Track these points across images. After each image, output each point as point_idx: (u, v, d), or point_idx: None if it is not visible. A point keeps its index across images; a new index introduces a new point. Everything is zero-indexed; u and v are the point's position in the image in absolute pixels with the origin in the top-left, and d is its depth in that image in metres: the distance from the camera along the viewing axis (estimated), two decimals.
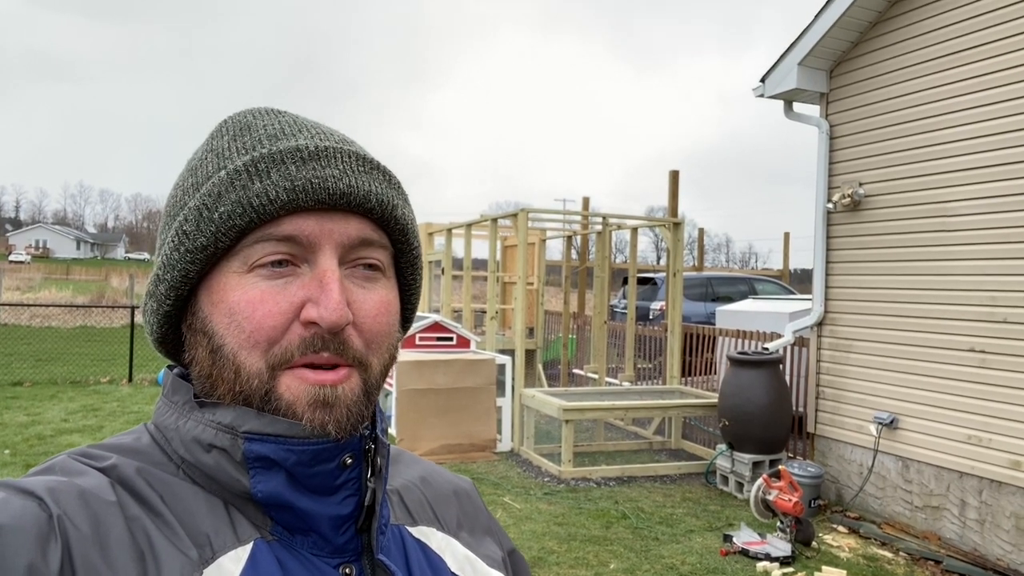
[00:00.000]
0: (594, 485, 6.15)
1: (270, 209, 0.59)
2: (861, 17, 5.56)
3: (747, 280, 13.46)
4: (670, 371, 7.97)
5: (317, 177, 0.60)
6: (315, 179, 0.60)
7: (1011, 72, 4.67)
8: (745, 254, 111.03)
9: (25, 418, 7.98)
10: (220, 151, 0.63)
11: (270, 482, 0.59)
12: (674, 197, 11.55)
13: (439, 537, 0.72)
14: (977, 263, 4.86)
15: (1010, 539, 4.58)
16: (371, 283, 0.63)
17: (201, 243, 0.60)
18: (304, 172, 0.60)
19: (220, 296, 0.60)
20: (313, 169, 0.60)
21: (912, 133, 5.30)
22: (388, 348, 0.64)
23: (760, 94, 6.21)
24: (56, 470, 0.58)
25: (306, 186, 0.59)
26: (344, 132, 0.69)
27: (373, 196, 0.62)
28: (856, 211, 5.72)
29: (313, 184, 0.59)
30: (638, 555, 4.60)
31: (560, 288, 12.85)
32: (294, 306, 0.59)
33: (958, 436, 4.91)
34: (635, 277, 8.81)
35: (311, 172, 0.60)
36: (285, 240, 0.60)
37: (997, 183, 4.74)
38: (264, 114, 0.66)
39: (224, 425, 0.59)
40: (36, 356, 12.55)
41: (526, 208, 7.50)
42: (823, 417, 5.99)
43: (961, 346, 4.92)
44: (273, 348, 0.59)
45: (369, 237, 0.63)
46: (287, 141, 0.62)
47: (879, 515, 5.46)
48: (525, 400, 7.09)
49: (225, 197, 0.59)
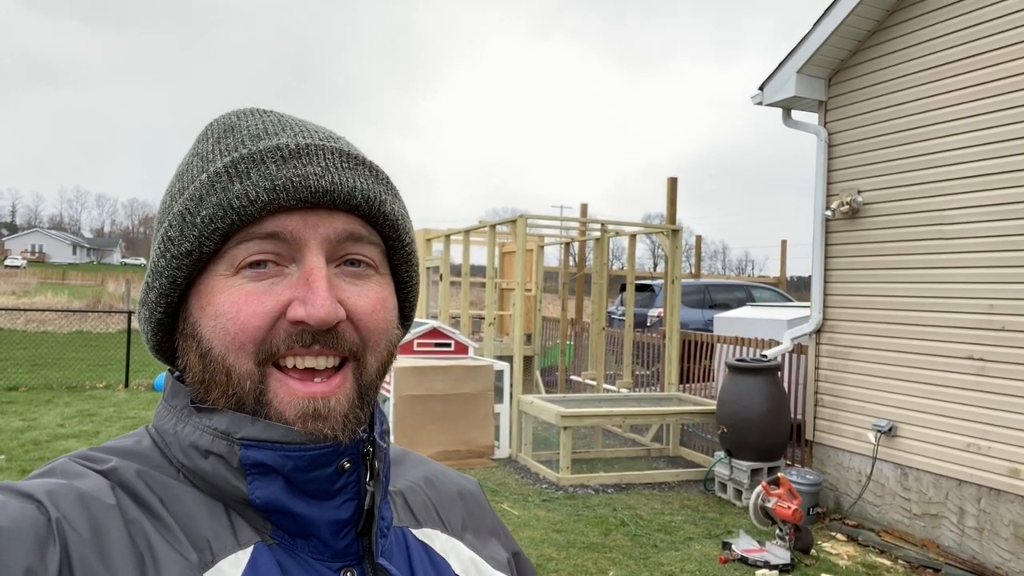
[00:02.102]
0: (592, 492, 6.14)
1: (251, 210, 0.58)
2: (859, 25, 5.59)
3: (745, 287, 13.49)
4: (668, 378, 7.97)
5: (298, 175, 0.59)
6: (296, 177, 0.58)
7: (1010, 81, 4.68)
8: (741, 261, 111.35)
9: (21, 423, 7.94)
10: (204, 154, 0.63)
11: (268, 488, 0.58)
12: (672, 204, 11.57)
13: (443, 539, 0.72)
14: (975, 271, 4.86)
15: (1008, 547, 4.57)
16: (363, 280, 0.62)
17: (186, 248, 0.59)
18: (284, 171, 0.59)
19: (207, 300, 0.60)
20: (294, 167, 0.59)
21: (910, 141, 5.31)
22: (386, 345, 0.63)
23: (759, 102, 6.23)
24: (56, 473, 0.58)
25: (287, 185, 0.58)
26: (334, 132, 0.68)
27: (358, 192, 0.61)
28: (854, 219, 5.73)
29: (294, 183, 0.58)
30: (637, 562, 4.58)
31: (558, 295, 12.85)
32: (280, 305, 0.58)
33: (957, 444, 4.91)
34: (633, 284, 8.82)
35: (292, 171, 0.59)
36: (268, 238, 0.59)
37: (995, 191, 4.75)
38: (248, 115, 0.65)
39: (220, 431, 0.59)
40: (32, 361, 12.50)
41: (524, 214, 7.49)
42: (821, 424, 5.98)
43: (959, 354, 4.93)
44: (260, 347, 0.58)
45: (357, 232, 0.62)
46: (268, 140, 0.61)
47: (878, 523, 5.45)
48: (523, 406, 7.08)
49: (206, 200, 0.59)
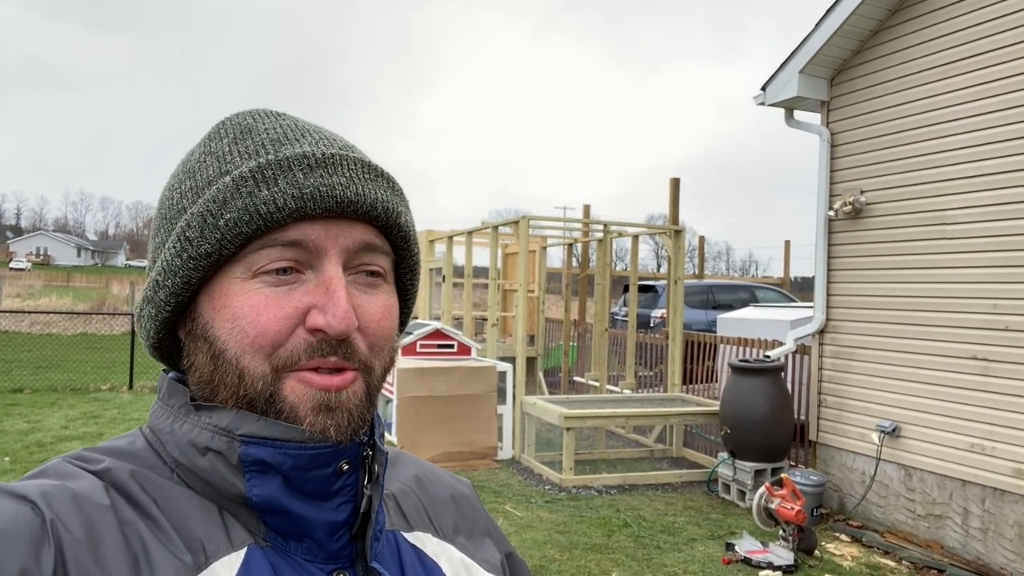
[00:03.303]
0: (595, 493, 6.13)
1: (278, 217, 0.58)
2: (862, 26, 5.58)
3: (748, 288, 13.46)
4: (671, 379, 7.96)
5: (325, 185, 0.59)
6: (323, 187, 0.59)
7: (1011, 80, 4.67)
8: (745, 262, 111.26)
9: (25, 425, 7.96)
10: (220, 155, 0.62)
11: (266, 486, 0.58)
12: (675, 204, 11.56)
13: (435, 543, 0.72)
14: (979, 271, 4.85)
15: (1013, 548, 4.55)
16: (374, 289, 0.63)
17: (205, 250, 0.59)
18: (312, 180, 0.59)
19: (222, 302, 0.60)
20: (320, 176, 0.60)
21: (913, 141, 5.30)
22: (389, 352, 0.65)
23: (761, 102, 6.23)
24: (50, 474, 0.58)
25: (314, 194, 0.59)
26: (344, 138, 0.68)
27: (379, 204, 0.62)
28: (857, 219, 5.72)
29: (321, 192, 0.59)
30: (640, 564, 4.57)
31: (561, 296, 12.84)
32: (299, 311, 0.59)
33: (961, 444, 4.89)
34: (636, 284, 8.80)
35: (319, 180, 0.59)
36: (290, 246, 0.59)
37: (998, 191, 4.74)
38: (264, 116, 0.65)
39: (221, 428, 0.59)
40: (36, 363, 12.53)
41: (527, 215, 7.50)
42: (825, 425, 5.97)
43: (963, 354, 4.91)
44: (278, 351, 0.59)
45: (373, 243, 0.63)
46: (292, 147, 0.61)
47: (882, 524, 5.43)
48: (526, 408, 7.07)
49: (231, 204, 0.59)
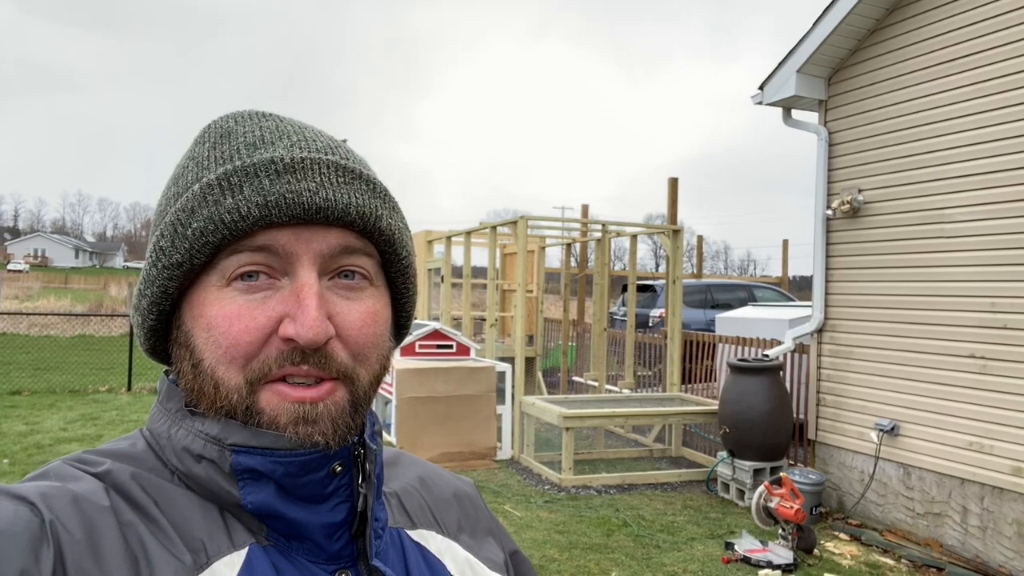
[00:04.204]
0: (595, 493, 6.13)
1: (242, 225, 0.57)
2: (859, 25, 5.58)
3: (746, 287, 13.46)
4: (670, 378, 7.96)
5: (291, 191, 0.57)
6: (289, 194, 0.57)
7: (1009, 79, 4.68)
8: (744, 261, 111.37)
9: (24, 427, 7.95)
10: (200, 160, 0.62)
11: (260, 493, 0.58)
12: (673, 204, 11.57)
13: (439, 540, 0.72)
14: (977, 269, 4.85)
15: (1012, 546, 4.56)
16: (356, 293, 0.61)
17: (176, 259, 0.58)
18: (277, 186, 0.57)
19: (200, 311, 0.59)
20: (288, 183, 0.57)
21: (911, 140, 5.30)
22: (378, 359, 0.62)
23: (759, 101, 6.23)
24: (50, 475, 0.58)
25: (279, 201, 0.57)
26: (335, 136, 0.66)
27: (353, 208, 0.59)
28: (855, 218, 5.72)
29: (287, 199, 0.57)
30: (640, 563, 4.58)
31: (560, 296, 12.85)
32: (272, 320, 0.58)
33: (959, 443, 4.90)
34: (634, 284, 8.81)
35: (285, 186, 0.57)
36: (258, 250, 0.58)
37: (995, 189, 4.74)
38: (246, 119, 0.64)
39: (211, 437, 0.58)
40: (35, 365, 12.52)
41: (526, 216, 7.48)
42: (824, 424, 5.97)
43: (961, 352, 4.92)
44: (251, 363, 0.58)
45: (351, 245, 0.61)
46: (263, 152, 0.59)
47: (881, 522, 5.44)
48: (525, 408, 7.07)
49: (198, 212, 0.58)
